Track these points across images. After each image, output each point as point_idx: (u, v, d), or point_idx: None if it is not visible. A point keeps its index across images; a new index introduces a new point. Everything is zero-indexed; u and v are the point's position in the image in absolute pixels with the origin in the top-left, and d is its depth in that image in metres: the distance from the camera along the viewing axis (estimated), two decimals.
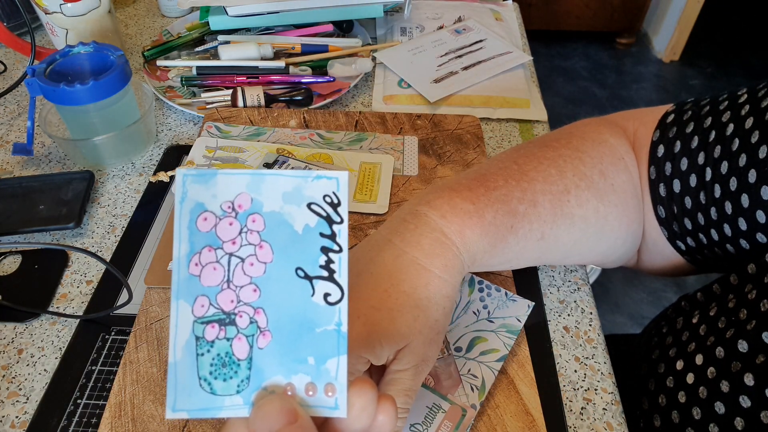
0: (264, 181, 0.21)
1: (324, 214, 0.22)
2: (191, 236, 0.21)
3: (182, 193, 0.21)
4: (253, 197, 0.21)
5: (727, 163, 0.38)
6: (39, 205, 0.55)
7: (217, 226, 0.21)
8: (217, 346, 0.21)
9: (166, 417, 0.20)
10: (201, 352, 0.21)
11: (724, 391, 0.34)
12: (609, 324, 1.54)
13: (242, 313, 0.21)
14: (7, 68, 0.78)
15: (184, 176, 0.21)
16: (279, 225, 0.21)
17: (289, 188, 0.22)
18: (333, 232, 0.22)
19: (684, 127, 0.42)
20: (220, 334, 0.21)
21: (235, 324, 0.21)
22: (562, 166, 0.41)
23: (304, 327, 0.21)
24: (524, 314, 0.45)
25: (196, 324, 0.21)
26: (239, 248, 0.21)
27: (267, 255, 0.21)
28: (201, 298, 0.21)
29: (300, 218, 0.22)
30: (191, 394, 0.20)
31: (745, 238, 0.38)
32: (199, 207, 0.21)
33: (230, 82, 0.69)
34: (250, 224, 0.21)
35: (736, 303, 0.37)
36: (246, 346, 0.21)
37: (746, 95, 0.39)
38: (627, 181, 0.42)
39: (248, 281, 0.21)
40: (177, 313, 0.20)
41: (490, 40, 0.78)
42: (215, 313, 0.21)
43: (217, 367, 0.21)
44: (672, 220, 0.42)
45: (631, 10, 2.45)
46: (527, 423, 0.39)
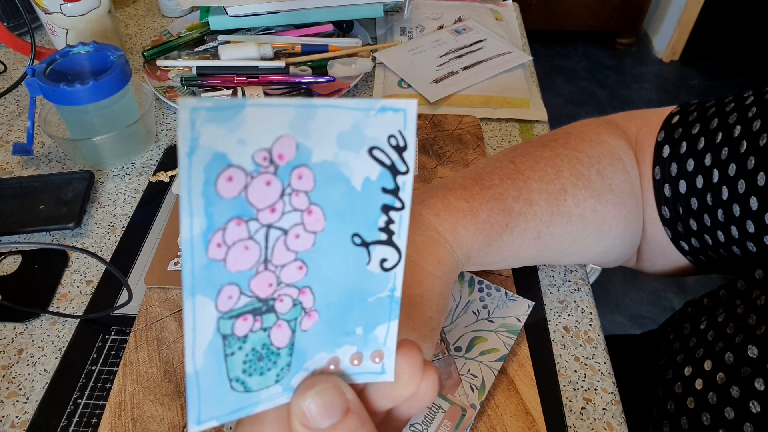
0: (315, 115, 0.15)
1: (388, 163, 0.17)
2: (209, 206, 0.14)
3: (191, 140, 0.14)
4: (299, 141, 0.15)
5: (735, 165, 0.38)
6: (39, 205, 0.55)
7: (249, 187, 0.15)
8: (251, 340, 0.16)
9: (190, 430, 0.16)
10: (231, 351, 0.16)
11: (734, 396, 0.34)
12: (609, 324, 1.54)
13: (283, 296, 0.17)
14: (7, 68, 0.78)
15: (192, 111, 0.14)
16: (333, 180, 0.16)
17: (347, 126, 0.16)
18: (397, 185, 0.17)
19: (690, 128, 0.42)
20: (255, 326, 0.16)
21: (275, 310, 0.16)
22: (559, 165, 0.41)
23: (356, 298, 0.18)
24: (524, 314, 0.45)
25: (222, 321, 0.16)
26: (281, 216, 0.16)
27: (318, 222, 0.16)
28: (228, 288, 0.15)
29: (359, 169, 0.16)
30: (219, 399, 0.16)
31: (752, 240, 0.38)
32: (219, 160, 0.14)
33: (230, 82, 0.69)
34: (296, 182, 0.15)
35: (745, 308, 0.37)
36: (288, 332, 0.17)
37: (753, 97, 0.39)
38: (625, 180, 0.42)
39: (293, 257, 0.16)
40: (194, 312, 0.15)
41: (490, 40, 0.78)
42: (249, 302, 0.16)
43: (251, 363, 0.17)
44: (677, 221, 0.42)
45: (631, 10, 2.45)
46: (527, 423, 0.39)
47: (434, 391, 0.21)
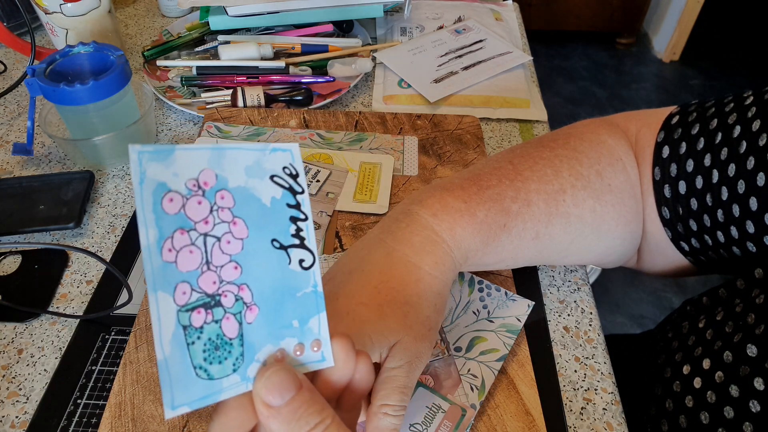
0: (225, 155, 0.21)
1: (287, 185, 0.22)
2: (158, 220, 0.19)
3: (140, 174, 0.19)
4: (217, 173, 0.21)
5: (734, 165, 0.38)
6: (39, 205, 0.55)
7: (186, 206, 0.20)
8: (206, 331, 0.20)
9: (166, 417, 0.19)
10: (191, 340, 0.20)
11: (733, 395, 0.34)
12: (609, 324, 1.54)
13: (226, 292, 0.21)
14: (7, 68, 0.78)
15: (140, 153, 0.19)
16: (248, 199, 0.21)
17: (250, 162, 0.21)
18: (297, 201, 0.22)
19: (689, 128, 0.42)
20: (208, 318, 0.20)
21: (221, 305, 0.20)
22: (558, 165, 0.41)
23: (286, 294, 0.22)
24: (524, 314, 0.45)
25: (180, 313, 0.19)
26: (213, 227, 0.20)
27: (242, 231, 0.21)
28: (181, 285, 0.19)
29: (266, 191, 0.22)
30: (188, 386, 0.19)
31: (752, 241, 0.38)
32: (161, 187, 0.19)
33: (230, 82, 0.69)
34: (220, 201, 0.21)
35: (744, 307, 0.37)
36: (235, 324, 0.21)
37: (752, 97, 0.39)
38: (625, 181, 0.42)
39: (228, 259, 0.21)
40: (157, 306, 0.19)
41: (490, 40, 0.78)
42: (199, 297, 0.20)
43: (210, 352, 0.20)
44: (677, 222, 0.42)
45: (631, 10, 2.45)
46: (527, 423, 0.39)
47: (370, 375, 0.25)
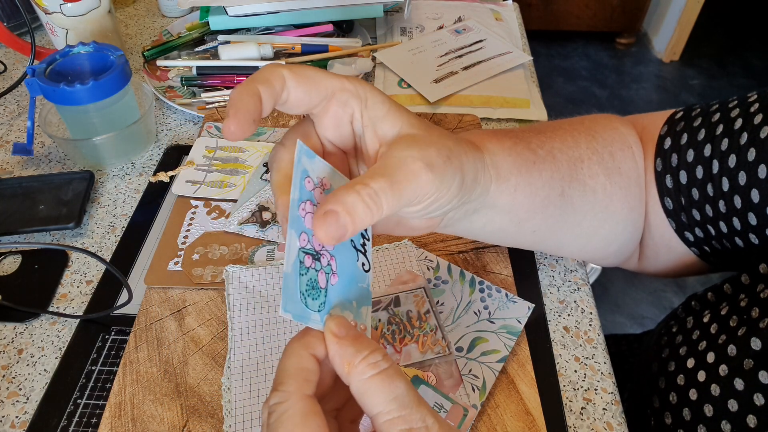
0: (336, 176, 0.30)
1: None
2: (301, 189, 0.27)
3: (298, 158, 0.27)
4: (332, 183, 0.29)
5: (735, 156, 0.38)
6: (39, 205, 0.55)
7: (314, 190, 0.28)
8: (309, 273, 0.27)
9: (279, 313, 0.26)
10: (302, 272, 0.26)
11: (738, 389, 0.34)
12: (609, 324, 1.54)
13: (325, 255, 0.28)
14: (7, 68, 0.78)
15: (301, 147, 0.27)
16: None
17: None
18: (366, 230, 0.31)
19: (692, 122, 0.42)
20: (313, 265, 0.27)
21: (320, 261, 0.27)
22: (576, 137, 0.41)
23: (353, 280, 0.29)
24: (524, 316, 0.45)
25: (300, 251, 0.26)
26: None
27: None
28: (304, 234, 0.27)
29: None
30: (295, 302, 0.26)
31: (755, 232, 0.38)
32: (305, 172, 0.27)
33: (230, 82, 0.69)
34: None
35: (748, 302, 0.37)
36: (325, 279, 0.27)
37: (756, 95, 0.40)
38: (633, 168, 0.43)
39: None
40: (291, 239, 0.26)
41: (490, 40, 0.78)
42: (311, 248, 0.27)
43: (309, 288, 0.26)
44: (680, 211, 0.42)
45: (631, 10, 2.45)
46: (527, 423, 0.39)
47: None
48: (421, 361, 0.42)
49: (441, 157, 0.30)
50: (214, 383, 0.42)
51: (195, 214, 0.54)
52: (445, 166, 0.30)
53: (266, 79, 0.27)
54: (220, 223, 0.53)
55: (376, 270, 0.49)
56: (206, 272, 0.49)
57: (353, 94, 0.29)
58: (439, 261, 0.49)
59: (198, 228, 0.53)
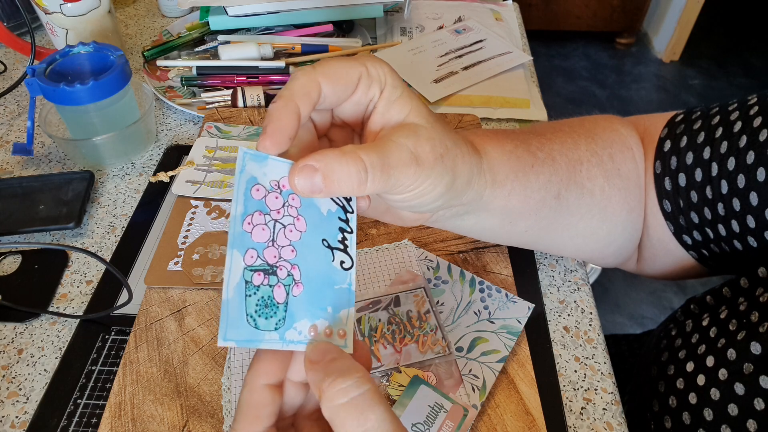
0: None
1: (341, 204, 0.29)
2: (246, 201, 0.25)
3: (242, 166, 0.25)
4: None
5: (734, 159, 0.38)
6: (39, 205, 0.55)
7: (267, 197, 0.26)
8: (261, 290, 0.25)
9: (218, 344, 0.23)
10: (249, 293, 0.25)
11: (738, 393, 0.34)
12: (609, 324, 1.54)
13: (282, 266, 0.26)
14: (7, 68, 0.78)
15: (245, 153, 0.26)
16: (310, 206, 0.27)
17: None
18: (347, 218, 0.29)
19: (692, 124, 0.42)
20: (265, 281, 0.25)
21: (276, 274, 0.26)
22: (576, 139, 0.41)
23: (326, 283, 0.27)
24: (524, 316, 0.45)
25: (246, 270, 0.25)
26: (282, 217, 0.26)
27: (302, 225, 0.27)
28: (251, 250, 0.25)
29: (324, 204, 0.28)
30: (239, 327, 0.24)
31: (753, 235, 0.38)
32: (253, 180, 0.26)
33: (230, 82, 0.69)
34: (291, 201, 0.27)
35: (748, 306, 0.37)
36: (284, 293, 0.26)
37: (756, 98, 0.40)
38: (633, 170, 0.43)
39: (288, 243, 0.26)
40: (231, 260, 0.25)
41: (490, 40, 0.78)
42: (261, 264, 0.25)
43: (260, 307, 0.25)
44: (678, 214, 0.42)
45: (631, 10, 2.45)
46: (527, 423, 0.39)
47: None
48: (421, 361, 0.42)
49: (434, 153, 0.29)
50: (214, 383, 0.42)
51: (195, 214, 0.54)
52: (435, 163, 0.29)
53: (306, 94, 0.27)
54: (220, 223, 0.53)
55: (376, 270, 0.49)
56: (206, 272, 0.49)
57: (376, 80, 0.29)
58: (439, 261, 0.49)
59: (198, 228, 0.53)
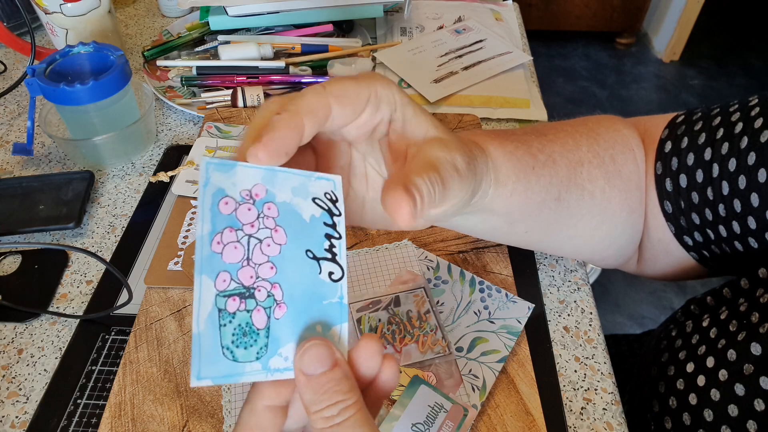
0: (276, 176, 0.24)
1: (326, 207, 0.25)
2: (213, 217, 0.22)
3: (205, 179, 0.22)
4: (267, 188, 0.24)
5: (735, 160, 0.38)
6: (39, 205, 0.55)
7: (237, 210, 0.23)
8: (238, 317, 0.22)
9: (192, 385, 0.21)
10: (223, 323, 0.22)
11: (738, 394, 0.34)
12: (609, 324, 1.54)
13: (261, 287, 0.23)
14: (7, 68, 0.78)
15: (207, 164, 0.23)
16: (290, 213, 0.24)
17: (296, 184, 0.25)
18: (334, 222, 0.25)
19: (693, 125, 0.42)
20: (241, 306, 0.22)
21: (255, 297, 0.23)
22: (578, 139, 0.41)
23: (313, 300, 0.24)
24: (524, 316, 0.45)
25: (218, 297, 0.22)
26: (257, 230, 0.23)
27: (281, 238, 0.24)
28: (223, 273, 0.22)
29: (307, 209, 0.25)
30: (215, 363, 0.22)
31: (754, 236, 0.38)
32: (220, 192, 0.23)
33: (230, 82, 0.69)
34: (266, 211, 0.24)
35: (748, 306, 0.37)
36: (264, 317, 0.23)
37: (757, 99, 0.40)
38: (634, 171, 0.43)
39: (266, 259, 0.23)
40: (200, 287, 0.22)
41: (490, 40, 0.78)
42: (236, 287, 0.22)
43: (238, 337, 0.22)
44: (679, 216, 0.42)
45: (631, 10, 2.45)
46: (527, 423, 0.39)
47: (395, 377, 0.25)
48: (421, 361, 0.42)
49: (464, 163, 0.30)
50: None
51: (195, 214, 0.54)
52: (468, 171, 0.30)
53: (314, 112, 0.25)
54: None
55: (376, 270, 0.49)
56: None
57: (385, 101, 0.28)
58: (439, 261, 0.49)
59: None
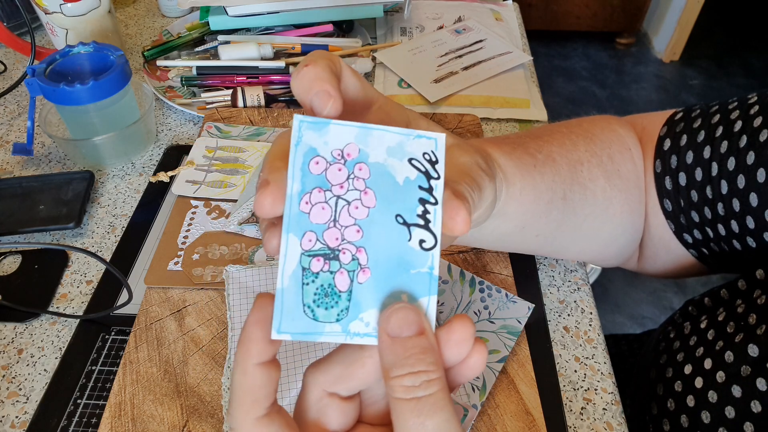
0: (371, 134, 0.23)
1: (423, 169, 0.24)
2: (303, 177, 0.22)
3: (297, 138, 0.22)
4: (360, 148, 0.23)
5: (734, 159, 0.38)
6: (39, 205, 0.55)
7: (328, 170, 0.22)
8: (321, 278, 0.22)
9: (271, 338, 0.21)
10: (306, 281, 0.22)
11: (735, 395, 0.34)
12: (609, 324, 1.54)
13: (345, 250, 0.23)
14: (7, 68, 0.78)
15: (300, 122, 0.22)
16: (382, 175, 0.23)
17: (393, 143, 0.23)
18: (430, 186, 0.24)
19: (692, 123, 0.42)
20: (325, 267, 0.22)
21: (339, 259, 0.22)
22: (575, 140, 0.41)
23: (401, 267, 0.23)
24: (524, 316, 0.45)
25: (303, 256, 0.22)
26: (346, 192, 0.23)
27: (371, 200, 0.23)
28: (309, 233, 0.22)
29: (401, 171, 0.23)
30: (295, 319, 0.22)
31: (752, 236, 0.38)
32: (312, 151, 0.22)
33: (230, 82, 0.69)
34: (357, 172, 0.23)
35: (745, 308, 0.37)
36: (347, 279, 0.23)
37: (756, 97, 0.40)
38: (632, 170, 0.43)
39: (352, 222, 0.23)
40: (286, 245, 0.22)
41: (490, 40, 0.78)
42: (321, 248, 0.22)
43: (320, 297, 0.22)
44: (679, 213, 0.42)
45: (631, 10, 2.45)
46: (527, 423, 0.39)
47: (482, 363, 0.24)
48: None
49: (485, 163, 0.30)
50: (214, 383, 0.42)
51: (195, 214, 0.54)
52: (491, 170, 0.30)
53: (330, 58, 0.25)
54: (220, 223, 0.53)
55: None
56: (206, 272, 0.49)
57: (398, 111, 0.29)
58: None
59: (198, 228, 0.53)
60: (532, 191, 0.37)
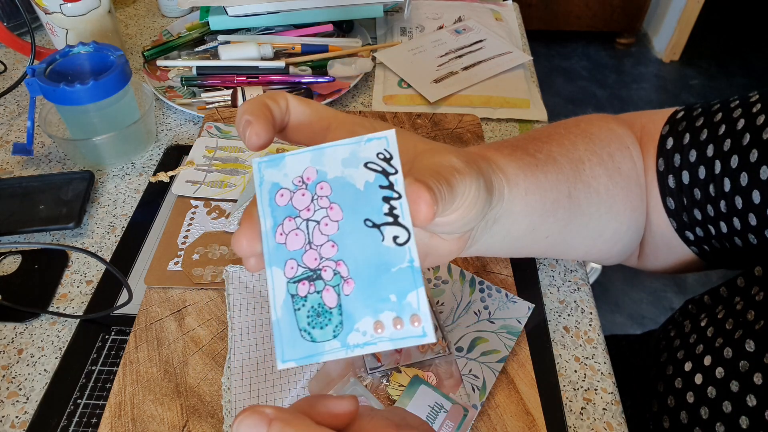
0: (324, 153, 0.24)
1: (380, 169, 0.24)
2: (273, 212, 0.24)
3: (260, 179, 0.24)
4: (317, 169, 0.24)
5: (737, 157, 0.38)
6: (39, 205, 0.55)
7: (293, 198, 0.24)
8: (310, 300, 0.23)
9: (278, 368, 0.23)
10: (297, 307, 0.23)
11: (733, 390, 0.34)
12: (609, 324, 1.54)
13: (326, 267, 0.24)
14: (7, 68, 0.78)
15: (259, 164, 0.24)
16: (343, 186, 0.24)
17: (346, 154, 0.24)
18: (390, 182, 0.24)
19: (694, 121, 0.42)
20: (311, 289, 0.23)
21: (322, 278, 0.24)
22: (574, 140, 0.41)
23: (381, 269, 0.23)
24: (524, 316, 0.45)
25: (289, 284, 0.23)
26: (313, 213, 0.24)
27: (337, 214, 0.24)
28: (290, 261, 0.24)
29: (360, 177, 0.24)
30: (295, 345, 0.23)
31: (754, 233, 0.38)
32: (275, 186, 0.24)
33: (230, 82, 0.69)
34: (319, 191, 0.24)
35: (744, 305, 0.37)
36: (334, 295, 0.23)
37: (758, 95, 0.40)
38: (632, 168, 0.43)
39: (326, 239, 0.24)
40: (272, 278, 0.23)
41: (490, 40, 0.78)
42: (303, 271, 0.24)
43: (313, 318, 0.23)
44: (682, 212, 0.42)
45: (631, 10, 2.45)
46: (527, 423, 0.39)
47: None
48: (421, 361, 0.42)
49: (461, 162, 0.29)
50: (214, 383, 0.42)
51: (195, 214, 0.54)
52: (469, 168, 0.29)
53: (270, 96, 0.28)
54: (220, 223, 0.53)
55: None
56: (206, 272, 0.49)
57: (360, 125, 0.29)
58: None
59: (198, 228, 0.53)
60: (537, 190, 0.37)
